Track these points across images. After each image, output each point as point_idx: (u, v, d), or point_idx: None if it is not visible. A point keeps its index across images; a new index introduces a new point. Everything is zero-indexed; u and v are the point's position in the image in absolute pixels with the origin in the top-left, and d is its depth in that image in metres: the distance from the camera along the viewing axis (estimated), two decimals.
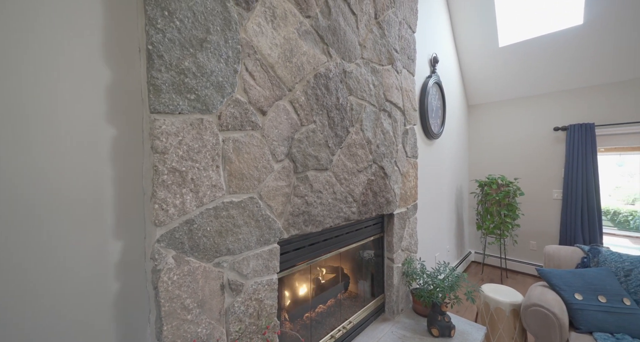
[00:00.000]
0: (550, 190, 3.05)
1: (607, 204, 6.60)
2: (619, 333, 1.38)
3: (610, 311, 1.44)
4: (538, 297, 1.52)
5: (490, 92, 3.39)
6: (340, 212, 1.29)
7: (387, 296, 1.74)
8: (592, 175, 2.68)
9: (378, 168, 1.57)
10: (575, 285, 1.57)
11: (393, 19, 1.64)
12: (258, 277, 0.90)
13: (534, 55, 2.79)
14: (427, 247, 2.50)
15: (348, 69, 1.31)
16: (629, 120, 2.58)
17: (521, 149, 3.25)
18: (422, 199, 2.39)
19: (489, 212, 3.03)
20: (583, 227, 2.71)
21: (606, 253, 1.71)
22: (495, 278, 3.06)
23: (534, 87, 3.07)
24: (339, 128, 1.26)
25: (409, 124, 1.90)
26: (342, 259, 1.63)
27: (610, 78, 2.65)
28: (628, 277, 1.58)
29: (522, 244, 3.23)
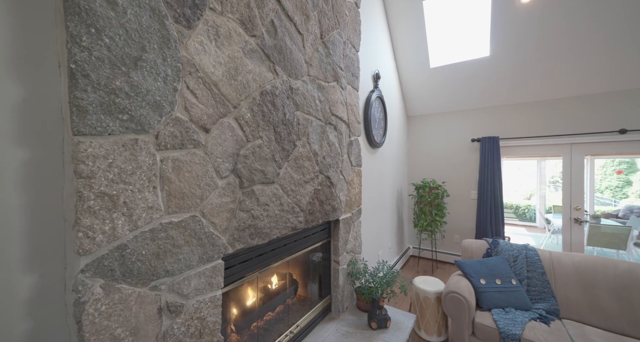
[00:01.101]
0: (469, 191, 3.63)
1: (512, 200, 8.12)
2: (507, 307, 1.75)
3: (503, 291, 1.82)
4: (454, 285, 1.83)
5: (425, 106, 3.87)
6: (288, 223, 1.35)
7: (334, 296, 1.86)
8: (498, 178, 3.30)
9: (324, 178, 1.68)
10: (481, 272, 1.93)
11: (338, 39, 1.77)
12: (200, 295, 0.90)
13: (456, 77, 3.30)
14: (371, 246, 2.73)
15: (295, 86, 1.38)
16: (525, 135, 3.25)
17: (447, 156, 3.79)
18: (367, 203, 2.61)
19: (423, 212, 3.46)
20: (491, 221, 3.31)
21: (502, 244, 2.14)
22: (428, 269, 3.51)
23: (457, 104, 3.62)
24: (285, 142, 1.32)
25: (354, 136, 2.07)
26: (291, 265, 1.69)
27: (510, 100, 3.30)
28: (515, 262, 2.01)
29: (449, 238, 3.77)
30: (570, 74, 2.80)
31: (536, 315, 1.69)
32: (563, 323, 1.66)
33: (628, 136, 2.69)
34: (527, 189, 8.89)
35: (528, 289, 1.90)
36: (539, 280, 1.88)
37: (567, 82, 2.87)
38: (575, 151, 2.99)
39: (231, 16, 1.00)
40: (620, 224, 3.90)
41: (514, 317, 1.65)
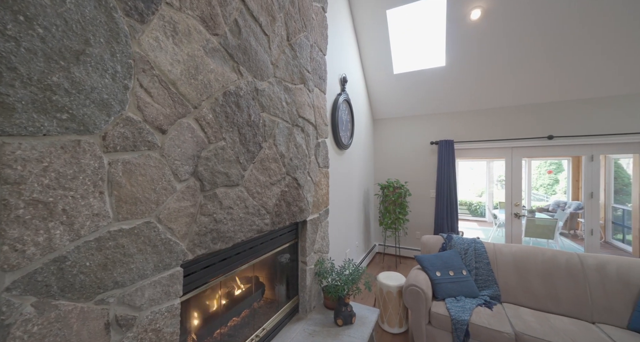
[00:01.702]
0: (428, 190, 3.91)
1: (466, 197, 8.92)
2: (459, 296, 1.94)
3: (455, 281, 2.01)
4: (414, 278, 1.97)
5: (390, 110, 4.08)
6: (253, 225, 1.33)
7: (301, 296, 1.88)
8: (453, 178, 3.61)
9: (291, 180, 1.68)
10: (436, 265, 2.10)
11: (305, 42, 1.79)
12: (156, 305, 0.85)
13: (417, 84, 3.53)
14: (339, 245, 2.80)
15: (260, 87, 1.36)
16: (475, 139, 3.60)
17: (410, 158, 4.04)
18: (334, 203, 2.68)
19: (388, 211, 3.64)
20: (447, 218, 3.61)
21: (455, 238, 2.36)
22: (392, 265, 3.70)
23: (418, 109, 3.88)
24: (251, 144, 1.30)
25: (321, 138, 2.10)
26: (257, 268, 1.66)
27: (464, 107, 3.63)
28: (466, 255, 2.22)
29: (411, 234, 4.02)
30: (511, 86, 3.17)
31: (482, 301, 1.89)
32: (503, 306, 1.88)
33: (555, 141, 3.14)
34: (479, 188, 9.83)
35: (476, 278, 2.11)
36: (484, 270, 2.11)
37: (508, 93, 3.25)
38: (515, 154, 3.40)
39: (191, 13, 0.96)
40: (549, 217, 4.52)
41: (463, 304, 1.83)
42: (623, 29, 2.41)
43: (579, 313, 1.75)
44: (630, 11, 2.29)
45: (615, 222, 4.70)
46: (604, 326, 1.63)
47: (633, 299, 1.63)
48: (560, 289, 1.84)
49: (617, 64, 2.64)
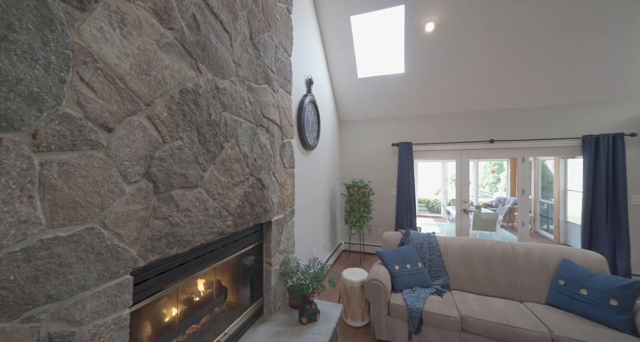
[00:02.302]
0: (390, 189, 4.15)
1: (425, 195, 9.63)
2: (414, 287, 2.10)
3: (412, 273, 2.17)
4: (375, 273, 2.08)
5: (355, 112, 4.23)
6: (214, 228, 1.29)
7: (266, 297, 1.86)
8: (411, 178, 3.87)
9: (255, 180, 1.66)
10: (395, 259, 2.25)
11: (269, 42, 1.78)
12: (100, 318, 0.78)
13: (379, 88, 3.72)
14: (305, 245, 2.83)
15: (222, 86, 1.33)
16: (431, 141, 3.91)
17: (373, 158, 4.24)
18: (300, 203, 2.70)
19: (353, 209, 3.77)
20: (407, 215, 3.87)
21: (413, 234, 2.55)
22: (357, 261, 3.85)
23: (381, 112, 4.09)
24: (211, 144, 1.26)
25: (286, 138, 2.11)
26: (219, 272, 1.61)
27: (421, 112, 3.92)
28: (421, 248, 2.42)
29: (374, 231, 4.22)
30: (460, 94, 3.52)
31: (434, 290, 2.07)
32: (452, 294, 2.09)
33: (495, 145, 3.57)
34: (436, 186, 10.67)
35: (430, 270, 2.31)
36: (437, 261, 2.32)
37: (458, 100, 3.60)
38: (463, 156, 3.77)
39: (142, 4, 0.90)
40: (492, 212, 5.11)
41: (418, 294, 1.99)
42: (550, 49, 2.83)
43: (511, 294, 2.03)
44: (558, 34, 2.70)
45: (541, 215, 5.49)
46: (529, 304, 1.91)
47: (550, 279, 1.94)
48: (497, 275, 2.11)
49: (543, 79, 3.09)
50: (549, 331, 1.57)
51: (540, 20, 2.61)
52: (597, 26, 2.55)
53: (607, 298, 1.62)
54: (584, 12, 2.48)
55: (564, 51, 2.79)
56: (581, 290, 1.75)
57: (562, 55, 2.83)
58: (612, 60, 2.75)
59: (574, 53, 2.79)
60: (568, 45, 2.74)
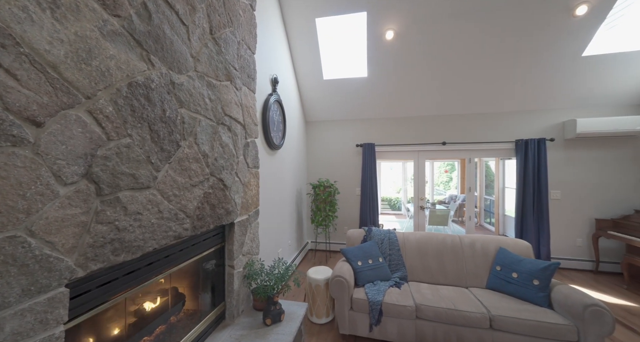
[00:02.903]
0: (354, 188, 4.30)
1: (388, 194, 10.16)
2: (375, 281, 2.22)
3: (373, 268, 2.28)
4: (339, 270, 2.14)
5: (321, 113, 4.29)
6: (169, 231, 1.21)
7: (228, 302, 1.80)
8: (374, 177, 4.07)
9: (217, 181, 1.60)
10: (358, 255, 2.35)
11: (231, 38, 1.72)
12: (24, 340, 0.69)
13: (344, 90, 3.84)
14: (270, 246, 2.79)
15: (178, 81, 1.25)
16: (392, 143, 4.14)
17: (338, 159, 4.35)
18: (266, 203, 2.66)
19: (319, 209, 3.83)
20: (370, 213, 4.05)
21: (374, 230, 2.68)
22: (323, 260, 3.92)
23: (346, 113, 4.22)
24: (166, 142, 1.18)
25: (250, 137, 2.06)
26: (176, 278, 1.52)
27: (383, 115, 4.14)
28: (382, 244, 2.56)
29: (340, 230, 4.34)
30: (417, 99, 3.80)
31: (393, 282, 2.21)
32: (409, 285, 2.25)
33: (447, 147, 3.92)
34: (398, 185, 11.30)
35: (389, 264, 2.45)
36: (396, 255, 2.47)
37: (415, 105, 3.88)
38: (420, 157, 4.08)
39: None
40: (445, 208, 5.60)
41: (379, 287, 2.10)
42: (490, 63, 3.20)
43: (459, 281, 2.25)
44: (496, 51, 3.06)
45: (485, 210, 6.19)
46: (473, 289, 2.15)
47: (489, 266, 2.21)
48: (447, 265, 2.33)
49: (485, 89, 3.49)
50: (487, 312, 1.78)
51: (483, 38, 2.95)
52: (524, 48, 2.96)
53: (532, 279, 1.91)
54: (513, 36, 2.87)
55: (501, 66, 3.19)
56: (513, 274, 2.02)
57: (500, 69, 3.23)
58: (537, 77, 3.22)
59: (509, 68, 3.20)
60: (504, 61, 3.14)
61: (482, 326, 1.74)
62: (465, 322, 1.77)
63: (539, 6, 2.62)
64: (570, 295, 1.70)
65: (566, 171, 3.52)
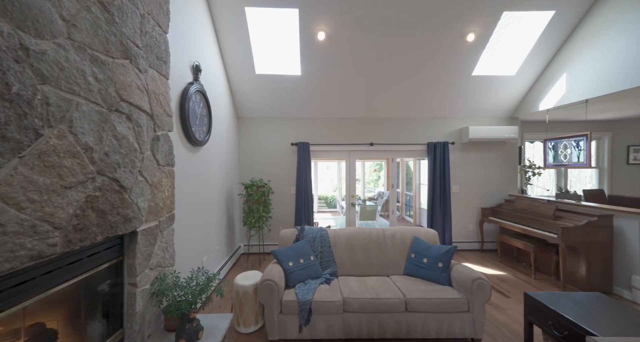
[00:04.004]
0: (289, 188, 4.25)
1: (325, 192, 10.50)
2: (306, 280, 2.21)
3: (305, 267, 2.27)
4: (268, 273, 2.04)
5: (254, 109, 4.08)
6: (20, 250, 0.90)
7: (128, 328, 1.49)
8: (309, 176, 4.10)
9: (108, 181, 1.29)
10: (289, 256, 2.30)
11: (130, 8, 1.42)
12: None
13: (278, 87, 3.74)
14: (193, 254, 2.47)
15: (37, 48, 0.94)
16: (325, 142, 4.25)
17: (273, 157, 4.23)
18: (186, 206, 2.34)
19: (252, 210, 3.63)
20: (305, 211, 4.07)
21: (307, 229, 2.68)
22: (257, 263, 3.73)
23: (280, 111, 4.13)
24: (13, 129, 0.87)
25: (162, 130, 1.76)
26: (44, 310, 1.15)
27: (317, 114, 4.21)
28: (314, 242, 2.58)
29: (275, 231, 4.22)
30: (348, 101, 4.01)
31: (324, 279, 2.25)
32: (338, 280, 2.32)
33: (374, 147, 4.27)
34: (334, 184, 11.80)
35: (321, 261, 2.49)
36: (327, 252, 2.52)
37: (346, 107, 4.09)
38: (351, 156, 4.32)
39: None
40: (373, 204, 6.13)
41: (309, 286, 2.09)
42: (408, 74, 3.61)
43: (382, 271, 2.45)
44: (411, 64, 3.47)
45: (406, 204, 7.04)
46: (393, 276, 2.37)
47: (406, 254, 2.48)
48: (373, 256, 2.50)
49: (404, 96, 3.93)
50: (403, 296, 1.98)
51: (400, 51, 3.30)
52: (431, 64, 3.46)
53: (437, 262, 2.22)
54: (424, 53, 3.31)
55: (415, 78, 3.65)
56: (424, 259, 2.31)
57: (414, 80, 3.68)
58: (441, 90, 3.82)
59: (420, 80, 3.68)
60: (417, 73, 3.59)
61: (399, 309, 1.92)
62: (386, 309, 1.92)
63: (442, 30, 3.09)
64: (463, 272, 2.04)
65: (462, 169, 4.29)
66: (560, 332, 1.46)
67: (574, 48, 3.16)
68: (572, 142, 3.40)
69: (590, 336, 1.29)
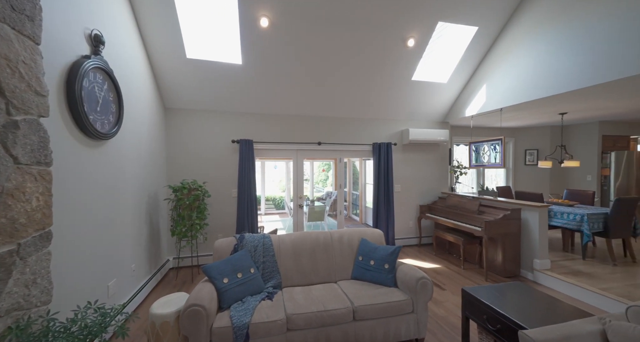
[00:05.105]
0: (230, 190, 3.81)
1: (274, 193, 10.08)
2: (245, 297, 1.91)
3: (243, 282, 1.96)
4: (195, 295, 1.68)
5: (187, 99, 3.51)
6: None
7: None
8: (252, 176, 3.74)
9: None
10: (225, 271, 1.96)
11: None
12: None
13: (216, 76, 3.29)
14: (91, 280, 1.90)
15: None
16: (271, 140, 3.94)
17: (211, 156, 3.72)
18: (81, 218, 1.77)
19: (182, 217, 3.09)
20: (248, 215, 3.70)
21: (247, 237, 2.36)
22: (189, 279, 3.20)
23: (219, 104, 3.65)
24: None
25: (24, 114, 1.24)
26: None
27: (263, 110, 3.87)
28: (255, 251, 2.28)
29: (213, 239, 3.72)
30: (295, 98, 3.79)
31: (265, 295, 1.98)
32: (282, 292, 2.08)
33: (322, 147, 4.16)
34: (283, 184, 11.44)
35: (263, 273, 2.21)
36: (270, 262, 2.26)
37: (294, 103, 3.87)
38: (299, 156, 4.12)
39: None
40: (322, 204, 6.07)
41: (247, 306, 1.80)
42: (354, 74, 3.58)
43: (329, 277, 2.32)
44: (358, 66, 3.45)
45: (353, 203, 7.22)
46: (341, 282, 2.26)
47: (354, 257, 2.40)
48: (320, 262, 2.34)
49: (351, 97, 3.92)
50: (351, 304, 1.87)
51: (347, 49, 3.25)
52: (376, 66, 3.52)
53: (384, 263, 2.19)
54: (369, 54, 3.34)
55: (362, 78, 3.66)
56: (371, 261, 2.26)
57: (361, 81, 3.69)
58: (384, 92, 3.93)
59: (367, 81, 3.72)
60: (363, 74, 3.61)
61: (347, 320, 1.80)
62: (333, 321, 1.77)
63: (385, 33, 3.15)
64: (408, 272, 2.05)
65: (403, 169, 4.53)
66: (493, 326, 1.53)
67: (492, 62, 3.60)
68: (491, 145, 3.90)
69: (521, 329, 1.36)
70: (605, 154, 5.13)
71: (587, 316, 1.45)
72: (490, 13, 3.19)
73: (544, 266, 3.08)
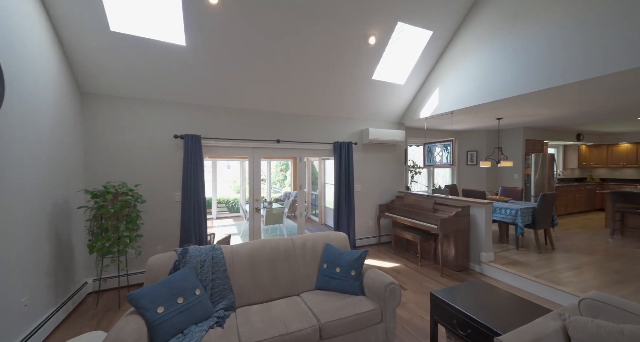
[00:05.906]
0: (172, 193, 3.25)
1: (227, 195, 9.30)
2: (187, 328, 1.54)
3: (184, 310, 1.59)
4: (114, 337, 1.26)
5: (112, 83, 2.84)
6: None
7: None
8: (200, 177, 3.25)
9: None
10: (160, 297, 1.55)
11: None
12: None
13: (153, 57, 2.73)
14: None
15: None
16: (223, 137, 3.49)
17: (145, 154, 3.11)
18: None
19: (104, 228, 2.47)
20: (195, 222, 3.20)
21: (192, 251, 1.96)
22: (114, 305, 2.59)
23: (155, 92, 3.07)
24: None
25: None
26: None
27: (212, 102, 3.40)
28: (202, 268, 1.91)
29: (150, 252, 3.12)
30: (250, 90, 3.43)
31: (214, 321, 1.64)
32: (236, 315, 1.76)
33: (281, 145, 3.87)
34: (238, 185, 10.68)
35: (212, 293, 1.85)
36: (221, 279, 1.91)
37: (248, 96, 3.50)
38: (255, 154, 3.76)
39: None
40: (280, 206, 5.76)
41: (190, 338, 1.44)
42: (316, 67, 3.38)
43: (291, 289, 2.07)
44: (321, 57, 3.25)
45: (312, 203, 7.06)
46: (304, 294, 2.03)
47: (318, 265, 2.20)
48: (280, 273, 2.08)
49: (311, 94, 3.72)
50: (317, 321, 1.66)
51: (306, 43, 3.03)
52: (337, 63, 3.39)
53: (350, 270, 2.04)
54: (329, 50, 3.19)
55: (321, 74, 3.49)
56: (336, 268, 2.09)
57: (320, 77, 3.52)
58: (344, 90, 3.84)
59: (326, 78, 3.56)
60: (323, 70, 3.44)
61: (313, 341, 1.58)
62: None
63: (347, 27, 3.03)
64: (375, 278, 1.93)
65: (363, 168, 4.52)
66: (464, 330, 1.49)
67: (445, 66, 3.80)
68: (443, 146, 4.14)
69: (493, 334, 1.33)
70: (527, 156, 5.98)
71: (545, 311, 1.51)
72: (444, 18, 3.33)
73: (489, 258, 3.35)
